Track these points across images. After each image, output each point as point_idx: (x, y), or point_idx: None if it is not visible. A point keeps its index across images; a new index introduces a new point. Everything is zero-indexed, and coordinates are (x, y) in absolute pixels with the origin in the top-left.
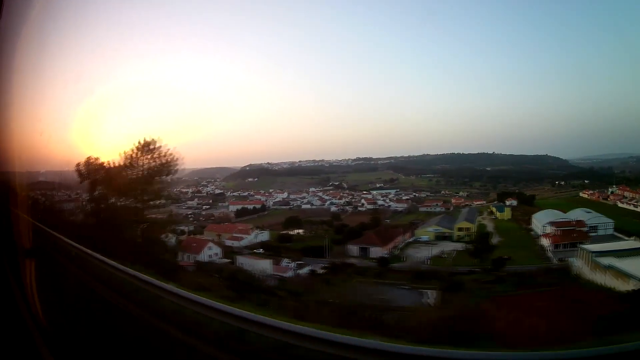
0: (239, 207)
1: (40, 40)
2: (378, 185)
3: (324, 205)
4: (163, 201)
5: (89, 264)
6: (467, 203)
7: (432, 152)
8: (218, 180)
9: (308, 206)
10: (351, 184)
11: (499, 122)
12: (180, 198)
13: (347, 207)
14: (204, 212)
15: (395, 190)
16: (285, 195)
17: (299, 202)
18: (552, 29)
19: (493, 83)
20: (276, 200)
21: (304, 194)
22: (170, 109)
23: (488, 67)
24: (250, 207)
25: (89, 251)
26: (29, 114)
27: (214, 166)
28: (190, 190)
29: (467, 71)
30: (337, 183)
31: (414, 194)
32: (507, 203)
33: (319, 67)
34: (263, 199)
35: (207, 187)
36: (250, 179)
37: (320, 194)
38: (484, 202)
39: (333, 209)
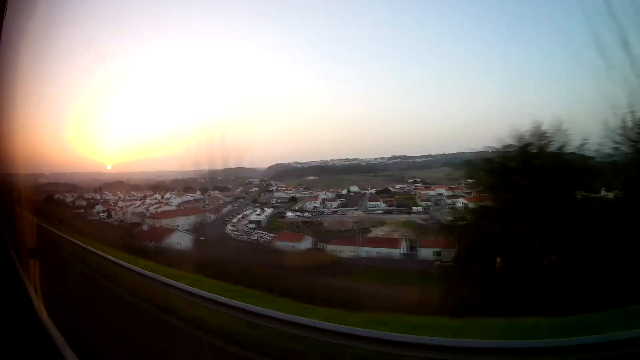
0: None
1: (45, 43)
2: (470, 182)
3: None
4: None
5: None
6: None
7: (467, 151)
8: (265, 179)
9: None
10: (431, 182)
11: (527, 119)
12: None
13: None
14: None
15: None
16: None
17: None
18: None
19: (521, 80)
20: None
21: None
22: (183, 109)
23: (520, 64)
24: None
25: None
26: (34, 117)
27: (231, 167)
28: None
29: (496, 69)
30: (412, 180)
31: None
32: None
33: (349, 64)
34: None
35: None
36: (311, 177)
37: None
38: None
39: None
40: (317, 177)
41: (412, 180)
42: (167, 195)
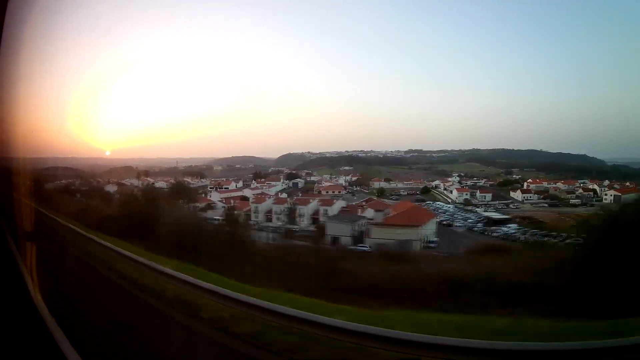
0: None
1: (48, 27)
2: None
3: None
4: None
5: None
6: None
7: (482, 147)
8: (291, 169)
9: None
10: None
11: (540, 119)
12: None
13: None
14: None
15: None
16: None
17: None
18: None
19: (535, 79)
20: None
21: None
22: (189, 98)
23: (532, 65)
24: None
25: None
26: (35, 101)
27: (238, 155)
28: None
29: (511, 68)
30: (456, 174)
31: None
32: None
33: (358, 58)
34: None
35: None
36: (345, 167)
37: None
38: None
39: None
40: (351, 168)
41: (456, 174)
42: (240, 184)
